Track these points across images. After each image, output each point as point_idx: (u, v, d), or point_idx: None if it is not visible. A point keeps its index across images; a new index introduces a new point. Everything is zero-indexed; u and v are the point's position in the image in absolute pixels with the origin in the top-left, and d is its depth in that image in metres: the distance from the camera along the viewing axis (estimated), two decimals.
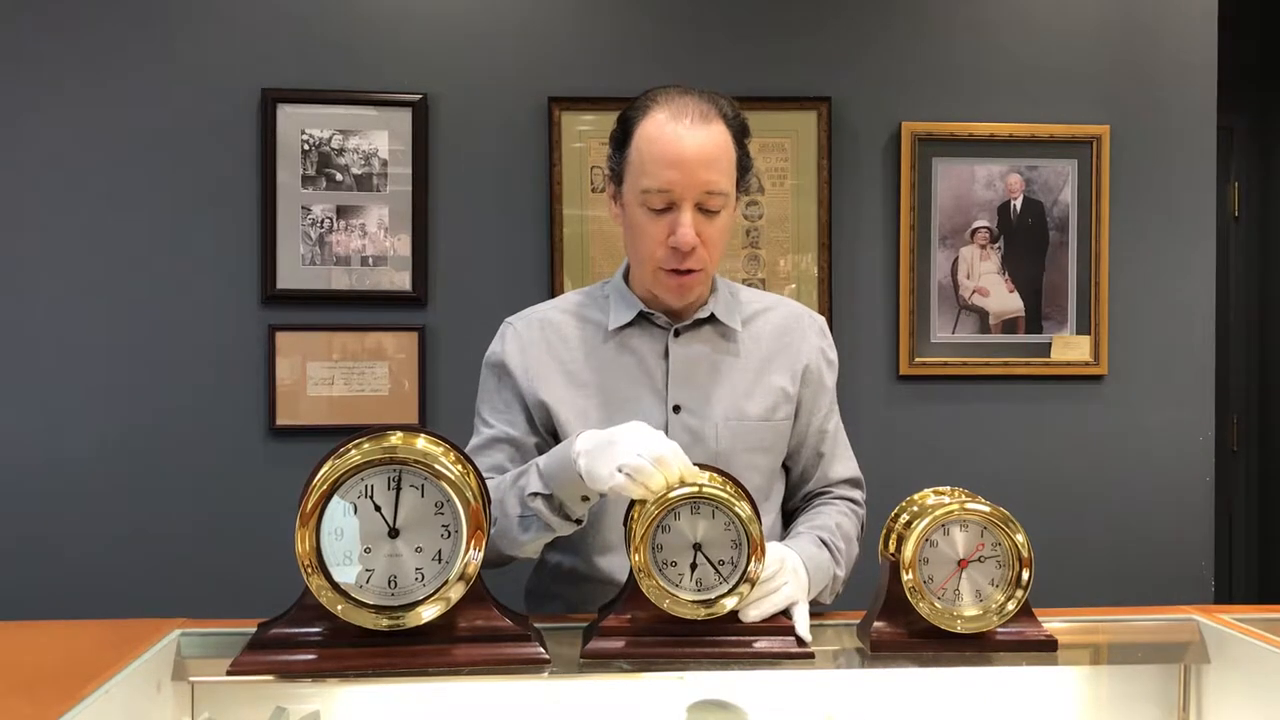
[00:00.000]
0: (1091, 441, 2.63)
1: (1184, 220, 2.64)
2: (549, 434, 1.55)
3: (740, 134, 1.50)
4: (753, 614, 1.24)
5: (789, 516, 1.64)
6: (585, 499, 1.32)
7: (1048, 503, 2.60)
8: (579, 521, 1.37)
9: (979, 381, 2.61)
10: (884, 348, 2.60)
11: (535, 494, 1.35)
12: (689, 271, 1.48)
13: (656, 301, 1.55)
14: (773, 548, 1.31)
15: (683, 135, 1.43)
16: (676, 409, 1.53)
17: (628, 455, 1.21)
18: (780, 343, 1.60)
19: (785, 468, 1.64)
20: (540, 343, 1.57)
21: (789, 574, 1.29)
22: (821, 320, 1.67)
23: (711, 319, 1.57)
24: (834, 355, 1.66)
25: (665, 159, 1.43)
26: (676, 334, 1.55)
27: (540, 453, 1.53)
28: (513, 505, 1.39)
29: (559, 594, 1.59)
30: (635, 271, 1.56)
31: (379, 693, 1.24)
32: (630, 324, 1.56)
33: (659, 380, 1.54)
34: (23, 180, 2.42)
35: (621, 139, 1.50)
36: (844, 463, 1.65)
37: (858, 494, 1.65)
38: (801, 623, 1.26)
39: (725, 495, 1.20)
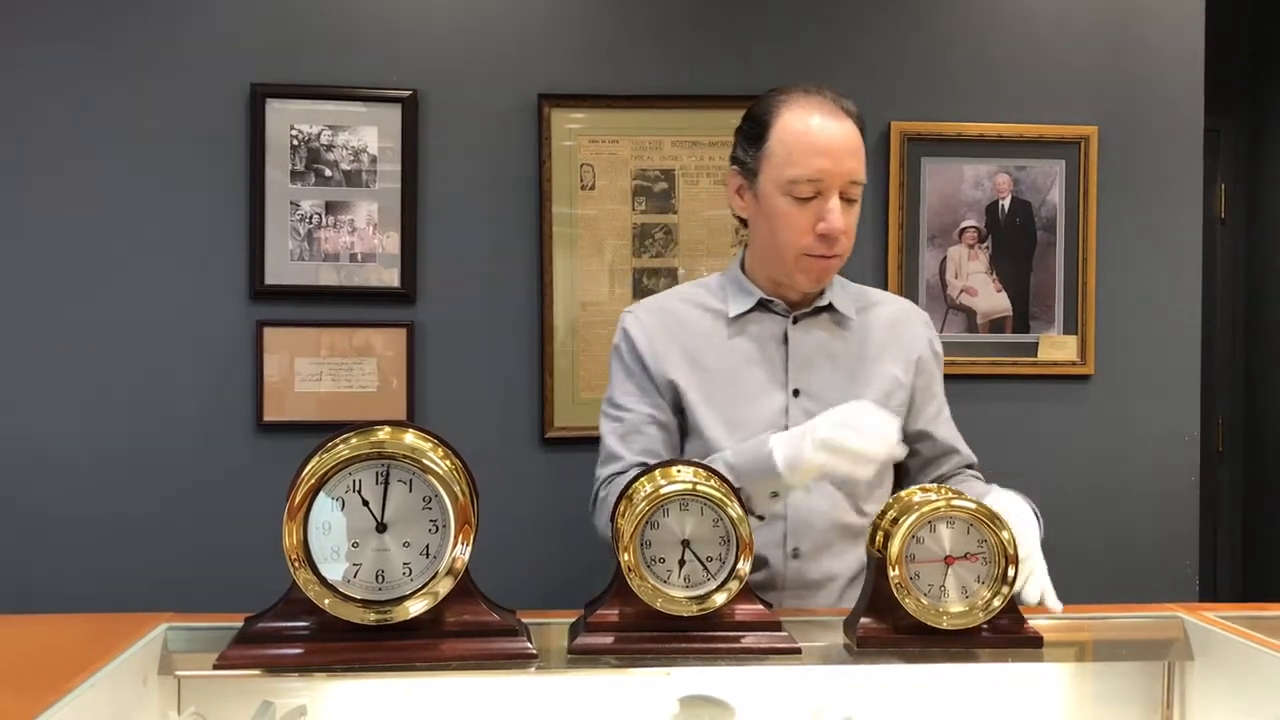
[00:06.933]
0: (1077, 441, 2.64)
1: (1171, 221, 2.65)
2: (679, 415, 1.59)
3: (863, 133, 1.57)
4: (1032, 594, 1.30)
5: None
6: (775, 495, 1.34)
7: (1033, 500, 2.60)
8: (761, 518, 1.40)
9: (966, 380, 2.61)
10: None
11: None
12: (832, 256, 1.53)
13: (776, 290, 1.59)
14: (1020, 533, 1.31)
15: (830, 127, 1.51)
16: (796, 393, 1.57)
17: (826, 429, 1.28)
18: (892, 333, 1.65)
19: (914, 452, 1.66)
20: (661, 328, 1.62)
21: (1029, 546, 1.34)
22: (926, 315, 1.74)
23: (829, 307, 1.61)
24: (939, 347, 1.73)
25: (814, 149, 1.49)
26: (795, 320, 1.59)
27: (682, 434, 1.59)
28: None
29: None
30: (768, 259, 1.59)
31: (366, 687, 1.24)
32: (749, 311, 1.60)
33: (779, 365, 1.58)
34: (8, 175, 2.41)
35: (757, 134, 1.55)
36: (965, 446, 1.72)
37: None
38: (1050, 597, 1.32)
39: (716, 493, 1.21)
